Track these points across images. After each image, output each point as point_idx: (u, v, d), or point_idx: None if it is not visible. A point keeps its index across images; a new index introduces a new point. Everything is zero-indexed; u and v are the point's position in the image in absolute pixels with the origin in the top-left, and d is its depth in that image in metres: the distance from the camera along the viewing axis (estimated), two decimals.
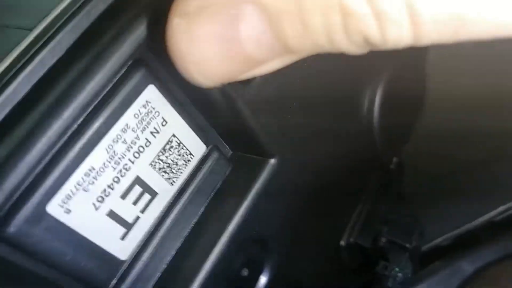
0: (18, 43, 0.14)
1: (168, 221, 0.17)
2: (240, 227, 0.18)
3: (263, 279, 0.20)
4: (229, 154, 0.20)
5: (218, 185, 0.19)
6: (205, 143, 0.18)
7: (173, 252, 0.17)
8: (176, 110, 0.16)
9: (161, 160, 0.16)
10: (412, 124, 0.28)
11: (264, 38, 0.11)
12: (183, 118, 0.17)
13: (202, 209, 0.18)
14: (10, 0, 0.19)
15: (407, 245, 0.24)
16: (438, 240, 0.33)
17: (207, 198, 0.18)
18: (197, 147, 0.18)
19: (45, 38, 0.13)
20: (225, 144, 0.19)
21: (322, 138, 0.21)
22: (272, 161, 0.19)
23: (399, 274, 0.24)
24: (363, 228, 0.25)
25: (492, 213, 0.33)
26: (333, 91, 0.22)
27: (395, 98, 0.25)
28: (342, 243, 0.25)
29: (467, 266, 0.29)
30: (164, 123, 0.16)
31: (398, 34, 0.10)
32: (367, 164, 0.26)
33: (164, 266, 0.17)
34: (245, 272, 0.19)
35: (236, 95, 0.17)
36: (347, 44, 0.10)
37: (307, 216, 0.22)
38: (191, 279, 0.17)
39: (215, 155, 0.18)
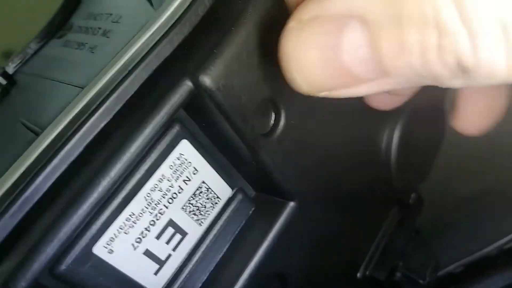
0: (69, 100, 0.16)
1: (196, 258, 0.19)
2: (261, 264, 0.20)
3: None
4: (253, 195, 0.21)
5: (242, 224, 0.21)
6: (230, 187, 0.20)
7: (199, 286, 0.19)
8: (206, 159, 0.18)
9: (192, 204, 0.18)
10: (431, 161, 0.29)
11: (362, 52, 0.11)
12: (212, 166, 0.19)
13: (227, 246, 0.20)
14: (60, 53, 0.22)
15: (421, 281, 0.25)
16: (450, 267, 0.34)
17: (232, 236, 0.20)
18: (223, 190, 0.20)
19: (98, 102, 0.15)
20: (249, 186, 0.21)
21: (340, 180, 0.23)
22: (292, 204, 0.21)
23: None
24: (379, 262, 0.27)
25: (503, 240, 0.33)
26: (352, 133, 0.23)
27: (413, 136, 0.26)
28: (359, 275, 0.26)
29: None
30: (195, 172, 0.18)
31: (492, 61, 0.10)
32: (385, 201, 0.27)
33: None
34: None
35: (259, 147, 0.18)
36: (441, 67, 0.11)
37: (325, 252, 0.23)
38: None
39: (239, 196, 0.20)
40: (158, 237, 0.18)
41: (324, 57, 0.12)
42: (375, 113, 0.24)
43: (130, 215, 0.16)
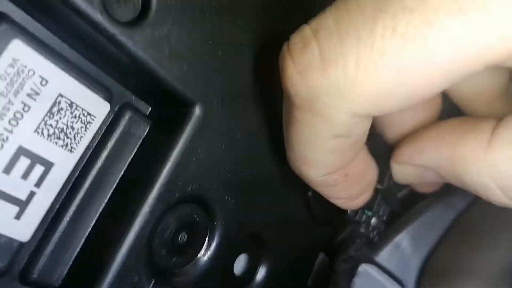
0: None
1: (78, 194, 0.15)
2: (166, 188, 0.16)
3: (210, 242, 0.18)
4: (148, 111, 0.17)
5: (136, 146, 0.17)
6: (108, 101, 0.16)
7: (89, 226, 0.16)
8: (57, 65, 0.14)
9: (50, 126, 0.14)
10: None
11: (434, 182, 0.20)
12: (70, 74, 0.15)
13: (119, 175, 0.16)
14: None
15: (378, 187, 0.21)
16: None
17: (124, 163, 0.16)
18: (97, 105, 0.16)
19: None
20: (140, 100, 0.17)
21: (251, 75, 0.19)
22: (196, 110, 0.17)
23: (373, 219, 0.22)
24: None
25: None
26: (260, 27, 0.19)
27: None
28: (310, 193, 0.23)
29: (458, 200, 0.26)
30: (43, 82, 0.14)
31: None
32: None
33: (80, 242, 0.15)
34: (184, 237, 0.17)
35: (127, 40, 0.14)
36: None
37: (258, 164, 0.19)
38: (113, 252, 0.15)
39: (127, 113, 0.16)
40: (7, 171, 0.14)
41: (413, 179, 0.20)
42: None
43: None
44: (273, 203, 0.21)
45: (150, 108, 0.17)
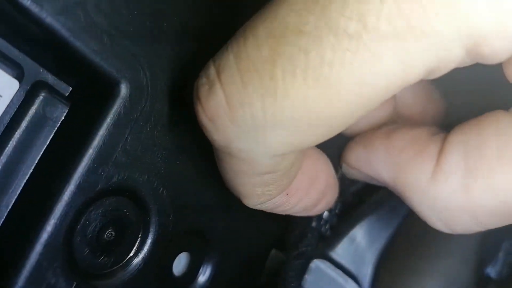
0: None
1: None
2: (86, 178, 0.14)
3: (143, 241, 0.16)
4: (68, 92, 0.15)
5: (53, 132, 0.15)
6: (17, 78, 0.14)
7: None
8: None
9: None
10: None
11: None
12: None
13: (33, 164, 0.14)
14: None
15: None
16: None
17: (39, 150, 0.14)
18: (4, 83, 0.13)
19: None
20: (59, 80, 0.15)
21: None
22: (122, 88, 0.15)
23: (325, 212, 0.20)
24: None
25: None
26: None
27: None
28: None
29: None
30: None
31: None
32: None
33: None
34: (111, 235, 0.16)
35: (30, 4, 0.12)
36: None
37: (198, 151, 0.18)
38: (26, 250, 0.13)
39: (41, 93, 0.14)
40: None
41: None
42: None
43: None
44: (217, 194, 0.19)
45: (71, 89, 0.15)
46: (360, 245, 0.25)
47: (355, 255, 0.24)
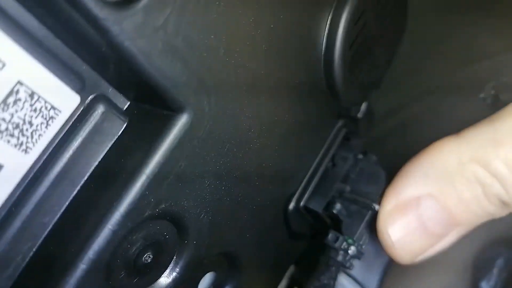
0: None
1: (28, 203, 0.13)
2: (136, 205, 0.14)
3: (177, 263, 0.16)
4: (125, 106, 0.15)
5: (107, 147, 0.14)
6: (79, 92, 0.13)
7: (37, 242, 0.13)
8: (19, 44, 0.11)
9: (3, 120, 0.11)
10: (387, 63, 0.23)
11: (441, 219, 0.17)
12: (35, 56, 0.11)
13: (81, 182, 0.14)
14: None
15: (367, 210, 0.20)
16: None
17: (90, 166, 0.14)
18: (65, 98, 0.13)
19: None
20: (117, 92, 0.14)
21: (259, 77, 0.16)
22: (184, 117, 0.14)
23: (352, 247, 0.20)
24: (316, 190, 0.21)
25: None
26: (276, 15, 0.16)
27: (366, 27, 0.19)
28: (290, 207, 0.21)
29: None
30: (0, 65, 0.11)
31: None
32: (323, 116, 0.21)
33: (25, 260, 0.13)
34: (149, 258, 0.15)
35: (111, 25, 0.11)
36: (490, 206, 0.16)
37: (239, 182, 0.17)
38: (64, 276, 0.13)
39: (99, 107, 0.13)
40: None
41: (416, 236, 0.17)
42: None
43: None
44: (250, 219, 0.19)
45: (128, 103, 0.15)
46: (368, 255, 0.25)
47: (364, 265, 0.24)
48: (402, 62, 0.24)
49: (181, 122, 0.14)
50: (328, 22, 0.18)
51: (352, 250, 0.20)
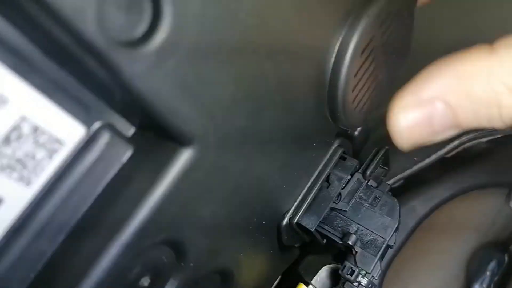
0: None
1: (27, 233, 0.12)
2: (138, 236, 0.14)
3: (172, 284, 0.16)
4: (130, 132, 0.14)
5: (111, 177, 0.14)
6: (83, 121, 0.12)
7: (36, 270, 0.13)
8: (24, 78, 0.11)
9: (5, 156, 0.11)
10: (389, 86, 0.23)
11: (446, 121, 0.17)
12: (39, 89, 0.11)
13: (83, 210, 0.13)
14: None
15: (382, 243, 0.20)
16: (389, 182, 0.30)
17: (93, 195, 0.13)
18: (69, 129, 0.12)
19: None
20: (122, 118, 0.14)
21: (263, 111, 0.16)
22: (189, 151, 0.14)
23: (365, 279, 0.20)
24: (310, 208, 0.21)
25: (445, 149, 0.29)
26: (283, 41, 0.16)
27: (372, 54, 0.19)
28: (284, 223, 0.21)
29: (419, 206, 0.26)
30: (1, 101, 0.10)
31: None
32: (322, 138, 0.21)
33: (28, 281, 0.13)
34: (146, 282, 0.15)
35: (122, 66, 0.11)
36: (501, 124, 0.16)
37: (237, 208, 0.17)
38: None
39: (105, 135, 0.13)
40: None
41: (421, 128, 0.17)
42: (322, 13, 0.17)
43: None
44: (247, 239, 0.19)
45: (134, 130, 0.14)
46: None
47: None
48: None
49: (187, 155, 0.14)
50: (335, 51, 0.17)
51: (365, 281, 0.21)
